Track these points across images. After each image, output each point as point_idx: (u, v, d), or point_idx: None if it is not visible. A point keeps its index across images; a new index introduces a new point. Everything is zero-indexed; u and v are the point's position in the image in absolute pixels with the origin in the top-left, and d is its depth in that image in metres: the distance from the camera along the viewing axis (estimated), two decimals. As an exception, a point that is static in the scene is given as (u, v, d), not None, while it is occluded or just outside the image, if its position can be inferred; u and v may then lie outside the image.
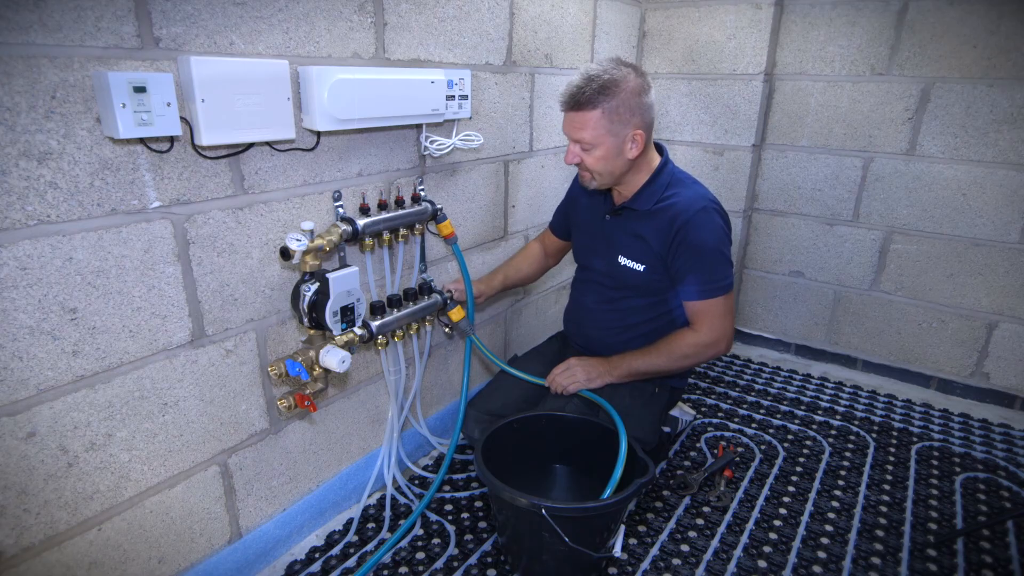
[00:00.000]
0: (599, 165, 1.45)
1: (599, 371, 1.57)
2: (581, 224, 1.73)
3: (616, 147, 1.43)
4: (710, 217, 1.47)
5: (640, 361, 1.55)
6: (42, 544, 1.03)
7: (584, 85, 1.38)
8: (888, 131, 2.21)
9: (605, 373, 1.57)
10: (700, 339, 1.52)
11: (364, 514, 1.58)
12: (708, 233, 1.46)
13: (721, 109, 2.40)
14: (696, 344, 1.52)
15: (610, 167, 1.46)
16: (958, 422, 2.12)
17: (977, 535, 1.55)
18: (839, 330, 2.50)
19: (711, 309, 1.50)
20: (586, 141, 1.42)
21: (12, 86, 0.86)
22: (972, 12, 1.99)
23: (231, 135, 1.08)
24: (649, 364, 1.55)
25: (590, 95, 1.37)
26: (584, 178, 1.52)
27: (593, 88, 1.37)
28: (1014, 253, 2.10)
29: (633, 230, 1.55)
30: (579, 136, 1.42)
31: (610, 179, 1.50)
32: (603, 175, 1.48)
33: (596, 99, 1.37)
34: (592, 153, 1.44)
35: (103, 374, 1.05)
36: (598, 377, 1.57)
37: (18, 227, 0.90)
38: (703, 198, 1.49)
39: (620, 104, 1.38)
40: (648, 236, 1.52)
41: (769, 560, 1.47)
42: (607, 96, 1.37)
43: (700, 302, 1.50)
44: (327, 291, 1.23)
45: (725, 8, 2.29)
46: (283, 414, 1.38)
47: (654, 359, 1.55)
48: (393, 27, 1.39)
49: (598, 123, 1.39)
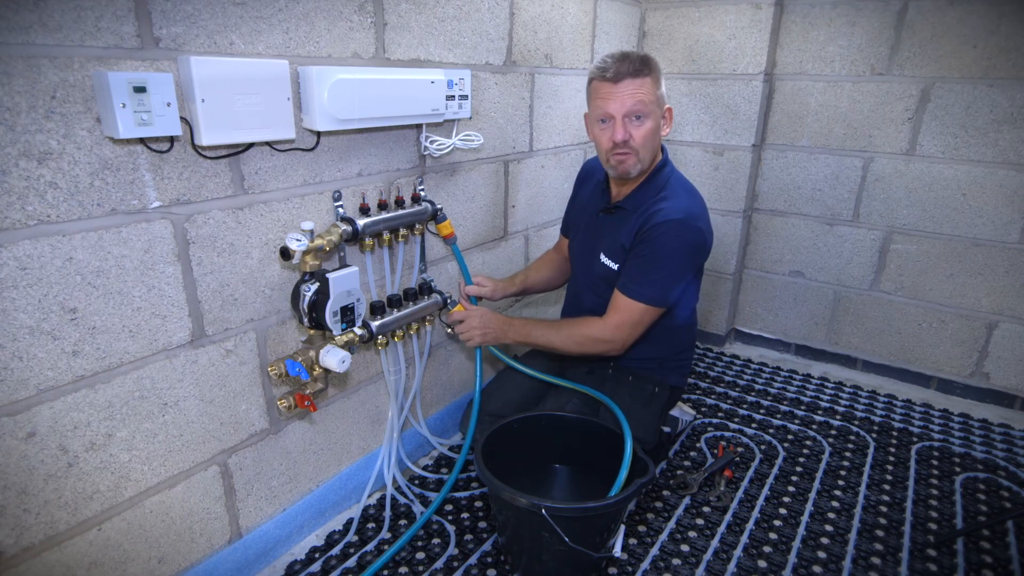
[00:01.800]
0: (647, 141, 1.42)
1: (495, 328, 1.57)
2: (576, 221, 1.72)
3: (658, 122, 1.43)
4: (682, 229, 1.42)
5: (539, 332, 1.56)
6: (42, 544, 1.03)
7: (629, 55, 1.38)
8: (888, 131, 2.21)
9: (500, 332, 1.57)
10: (601, 333, 1.50)
11: (364, 514, 1.58)
12: (669, 240, 1.42)
13: (721, 109, 2.40)
14: (594, 337, 1.51)
15: (652, 144, 1.44)
16: (958, 422, 2.12)
17: (977, 535, 1.55)
18: (839, 330, 2.50)
19: (628, 309, 1.47)
20: (640, 110, 1.38)
21: (12, 86, 0.86)
22: (972, 12, 1.99)
23: (231, 135, 1.07)
24: (545, 338, 1.55)
25: (642, 63, 1.37)
26: (627, 162, 1.44)
27: (638, 58, 1.38)
28: (1014, 253, 2.10)
29: (616, 228, 1.54)
30: (633, 105, 1.37)
31: (649, 159, 1.47)
32: (646, 153, 1.44)
33: (646, 67, 1.38)
34: (642, 126, 1.40)
35: (103, 374, 1.05)
36: (491, 333, 1.57)
37: (18, 227, 0.90)
38: (686, 211, 1.43)
39: (660, 77, 1.42)
40: (625, 235, 1.51)
41: (769, 560, 1.47)
42: (651, 68, 1.39)
43: (624, 298, 1.47)
44: (327, 291, 1.23)
45: (725, 8, 2.29)
46: (283, 414, 1.38)
47: (551, 335, 1.54)
48: (393, 27, 1.39)
49: (651, 90, 1.39)
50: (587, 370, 1.69)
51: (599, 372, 1.67)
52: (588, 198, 1.68)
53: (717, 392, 2.27)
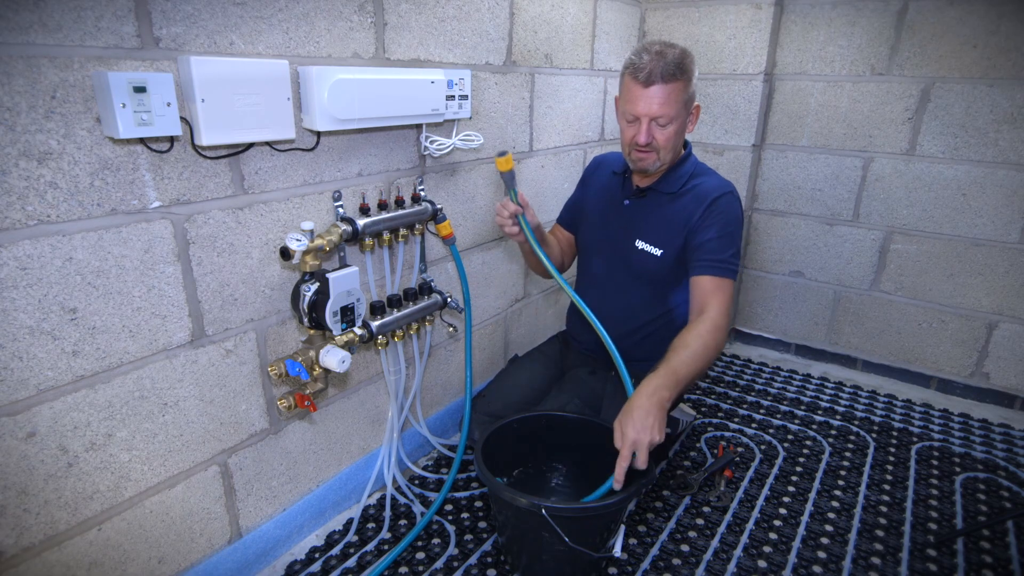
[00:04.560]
0: (671, 142, 1.41)
1: (651, 412, 1.22)
2: (593, 215, 1.68)
3: (683, 123, 1.42)
4: (736, 202, 1.49)
5: (683, 370, 1.29)
6: (42, 544, 1.03)
7: (665, 55, 1.34)
8: (888, 131, 2.21)
9: (658, 408, 1.23)
10: (720, 324, 1.34)
11: (364, 514, 1.58)
12: (733, 210, 1.47)
13: (721, 109, 2.40)
14: (717, 332, 1.34)
15: (676, 143, 1.44)
16: (958, 422, 2.12)
17: (977, 535, 1.55)
18: (839, 330, 2.50)
19: (724, 288, 1.40)
20: (668, 115, 1.37)
21: (12, 86, 0.86)
22: (972, 12, 1.99)
23: (231, 135, 1.07)
24: (688, 368, 1.29)
25: (675, 68, 1.33)
26: (647, 160, 1.44)
27: (674, 61, 1.34)
28: (1014, 253, 2.10)
29: (656, 212, 1.54)
30: (662, 111, 1.35)
31: (671, 157, 1.46)
32: (668, 154, 1.44)
33: (680, 72, 1.34)
34: (667, 129, 1.39)
35: (103, 374, 1.05)
36: (652, 418, 1.21)
37: (18, 227, 0.90)
38: (730, 184, 1.51)
39: (693, 78, 1.38)
40: (673, 216, 1.50)
41: (769, 560, 1.47)
42: (685, 71, 1.35)
43: (715, 279, 1.40)
44: (327, 291, 1.23)
45: (725, 8, 2.29)
46: (283, 414, 1.38)
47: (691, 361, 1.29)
48: (393, 27, 1.39)
49: (680, 96, 1.36)
50: (589, 370, 1.69)
51: (600, 373, 1.67)
52: (604, 188, 1.65)
53: (717, 392, 2.27)
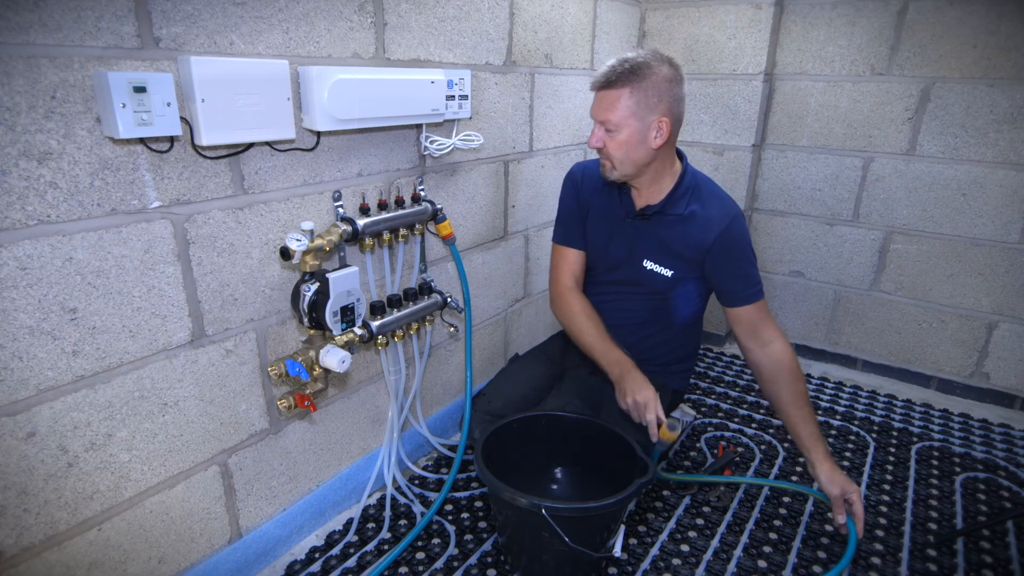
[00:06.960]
0: (620, 151, 1.42)
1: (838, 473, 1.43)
2: (594, 229, 1.67)
3: (640, 133, 1.40)
4: (744, 225, 1.50)
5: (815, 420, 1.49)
6: (42, 544, 1.03)
7: (616, 65, 1.37)
8: (888, 131, 2.21)
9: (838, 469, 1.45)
10: (784, 343, 1.49)
11: (364, 514, 1.58)
12: (748, 235, 1.51)
13: (721, 109, 2.40)
14: (791, 355, 1.48)
15: (632, 155, 1.42)
16: (958, 422, 2.12)
17: (977, 535, 1.55)
18: (839, 330, 2.50)
19: (763, 310, 1.51)
20: (611, 122, 1.39)
21: (12, 86, 0.86)
22: (972, 12, 1.99)
23: (231, 135, 1.07)
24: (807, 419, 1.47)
25: (620, 74, 1.36)
26: (604, 167, 1.48)
27: (625, 68, 1.36)
28: (1014, 253, 2.10)
29: (661, 235, 1.54)
30: (605, 116, 1.39)
31: (631, 168, 1.45)
32: (623, 163, 1.44)
33: (625, 79, 1.36)
34: (616, 136, 1.40)
35: (103, 374, 1.05)
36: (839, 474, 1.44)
37: (18, 227, 0.90)
38: (734, 206, 1.51)
39: (649, 87, 1.36)
40: (677, 241, 1.51)
41: (769, 560, 1.47)
42: (636, 78, 1.35)
43: (751, 307, 1.49)
44: (327, 291, 1.23)
45: (725, 8, 2.29)
46: (283, 414, 1.38)
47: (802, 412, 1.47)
48: (393, 27, 1.39)
49: (625, 104, 1.37)
50: (589, 371, 1.69)
51: (601, 373, 1.67)
52: (602, 202, 1.63)
53: (717, 392, 2.27)
